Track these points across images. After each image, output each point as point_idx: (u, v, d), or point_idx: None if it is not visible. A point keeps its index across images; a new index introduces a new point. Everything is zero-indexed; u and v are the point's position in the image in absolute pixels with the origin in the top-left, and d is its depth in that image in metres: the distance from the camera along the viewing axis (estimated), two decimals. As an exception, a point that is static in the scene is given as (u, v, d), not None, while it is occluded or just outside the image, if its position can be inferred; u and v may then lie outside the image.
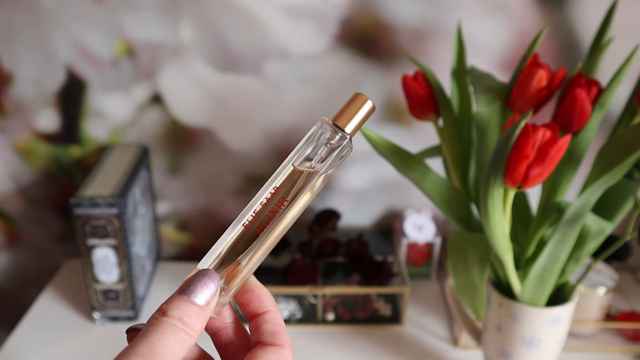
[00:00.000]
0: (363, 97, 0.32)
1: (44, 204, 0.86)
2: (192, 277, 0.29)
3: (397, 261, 0.77)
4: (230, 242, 0.30)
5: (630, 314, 0.72)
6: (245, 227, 0.30)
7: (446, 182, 0.55)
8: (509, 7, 0.72)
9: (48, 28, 0.74)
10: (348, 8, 0.73)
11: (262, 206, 0.30)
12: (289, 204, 0.30)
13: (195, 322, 0.27)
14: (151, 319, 0.27)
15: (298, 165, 0.31)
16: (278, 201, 0.30)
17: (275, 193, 0.31)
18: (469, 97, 0.59)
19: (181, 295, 0.28)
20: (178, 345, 0.26)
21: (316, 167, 0.31)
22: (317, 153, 0.32)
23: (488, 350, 0.60)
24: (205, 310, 0.28)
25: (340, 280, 0.74)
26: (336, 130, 0.32)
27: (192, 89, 0.77)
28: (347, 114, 0.32)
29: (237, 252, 0.30)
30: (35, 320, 0.74)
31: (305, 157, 0.31)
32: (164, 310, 0.27)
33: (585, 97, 0.49)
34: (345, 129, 0.32)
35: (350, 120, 0.32)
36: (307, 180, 0.31)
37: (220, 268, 0.30)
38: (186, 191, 0.84)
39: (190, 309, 0.28)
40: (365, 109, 0.32)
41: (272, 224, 0.30)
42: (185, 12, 0.73)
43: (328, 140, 0.32)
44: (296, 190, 0.31)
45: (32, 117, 0.79)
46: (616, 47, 0.60)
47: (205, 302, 0.28)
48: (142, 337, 0.26)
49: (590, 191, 0.48)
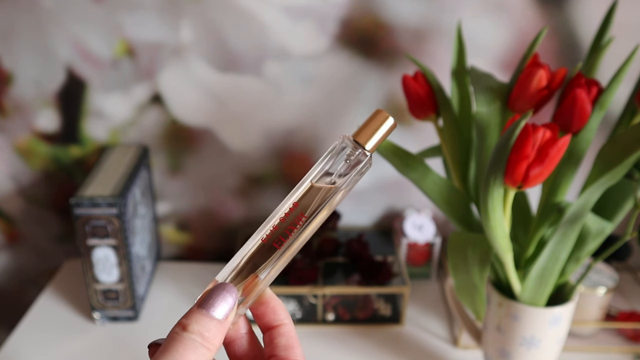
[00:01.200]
0: (384, 113, 0.32)
1: (44, 204, 0.86)
2: (211, 291, 0.29)
3: (397, 261, 0.77)
4: (248, 255, 0.31)
5: (630, 314, 0.72)
6: (264, 241, 0.31)
7: (446, 182, 0.55)
8: (509, 7, 0.72)
9: (48, 28, 0.74)
10: (348, 8, 0.73)
11: (280, 221, 0.31)
12: (307, 220, 0.31)
13: (214, 337, 0.28)
14: (171, 333, 0.28)
15: (317, 182, 0.31)
16: (297, 217, 0.31)
17: (294, 208, 0.31)
18: (469, 97, 0.59)
19: (200, 309, 0.28)
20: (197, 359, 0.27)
21: (335, 183, 0.31)
22: (337, 169, 0.32)
23: (488, 350, 0.60)
24: (224, 324, 0.28)
25: (340, 280, 0.74)
26: (356, 147, 0.32)
27: (192, 89, 0.77)
28: (368, 130, 0.32)
29: (255, 266, 0.31)
30: (35, 320, 0.74)
31: (325, 172, 0.32)
32: (184, 324, 0.28)
33: (585, 97, 0.49)
34: (366, 145, 0.32)
35: (371, 137, 0.32)
36: (326, 196, 0.31)
37: (238, 281, 0.30)
38: (186, 191, 0.84)
39: (210, 324, 0.28)
40: (386, 126, 0.32)
41: (290, 239, 0.31)
42: (185, 12, 0.73)
43: (348, 156, 0.32)
44: (315, 206, 0.31)
45: (32, 117, 0.79)
46: (616, 47, 0.60)
47: (224, 316, 0.28)
48: (164, 352, 0.27)
49: (590, 191, 0.48)
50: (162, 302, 0.78)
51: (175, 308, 0.76)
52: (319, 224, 0.31)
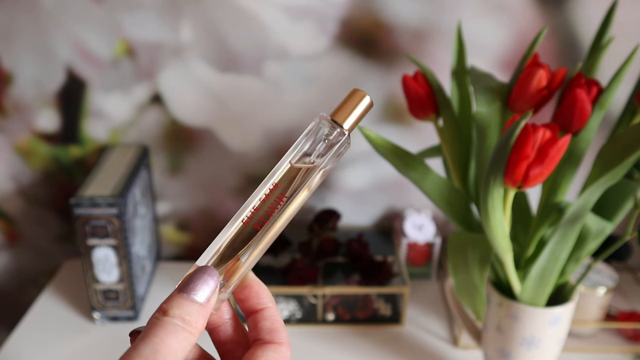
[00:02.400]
0: (361, 92, 0.32)
1: (44, 204, 0.86)
2: (192, 275, 0.28)
3: (397, 261, 0.77)
4: (229, 239, 0.30)
5: (630, 314, 0.72)
6: (244, 223, 0.30)
7: (446, 182, 0.55)
8: (509, 7, 0.72)
9: (48, 28, 0.74)
10: (348, 8, 0.73)
11: (261, 202, 0.30)
12: (287, 200, 0.30)
13: (196, 320, 0.27)
14: (152, 319, 0.27)
15: (296, 162, 0.31)
16: (277, 197, 0.30)
17: (274, 189, 0.31)
18: (469, 97, 0.59)
19: (181, 293, 0.28)
20: (180, 345, 0.26)
21: (315, 162, 0.31)
22: (315, 149, 0.31)
23: (488, 350, 0.60)
24: (206, 308, 0.28)
25: (340, 280, 0.74)
26: (334, 126, 0.32)
27: (192, 89, 0.77)
28: (345, 110, 0.32)
29: (236, 249, 0.30)
30: (35, 320, 0.74)
31: (304, 152, 0.31)
32: (165, 309, 0.27)
33: (585, 97, 0.49)
34: (344, 124, 0.31)
35: (348, 116, 0.32)
36: (306, 176, 0.31)
37: (219, 264, 0.30)
38: (186, 191, 0.84)
39: (191, 307, 0.27)
40: (363, 104, 0.32)
41: (271, 220, 0.30)
42: (185, 12, 0.73)
43: (326, 136, 0.31)
44: (295, 186, 0.31)
45: (32, 117, 0.79)
46: (616, 47, 0.60)
47: (206, 299, 0.28)
48: (144, 339, 0.26)
49: (590, 191, 0.48)
50: (162, 302, 0.78)
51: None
52: (299, 204, 0.31)
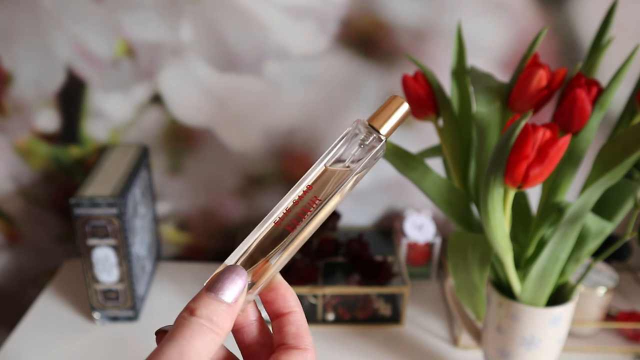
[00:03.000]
0: (399, 99, 0.32)
1: (44, 204, 0.86)
2: (220, 274, 0.28)
3: (397, 261, 0.77)
4: (259, 239, 0.30)
5: (630, 314, 0.72)
6: (276, 224, 0.30)
7: (446, 182, 0.55)
8: (509, 7, 0.72)
9: (48, 28, 0.74)
10: (348, 8, 0.73)
11: (293, 204, 0.30)
12: (321, 203, 0.30)
13: (224, 321, 0.27)
14: (179, 318, 0.27)
15: (330, 165, 0.31)
16: (310, 200, 0.30)
17: (308, 191, 0.30)
18: (469, 97, 0.59)
19: (209, 292, 0.27)
20: (206, 346, 0.26)
21: (350, 167, 0.31)
22: (350, 153, 0.31)
23: (488, 350, 0.60)
24: (233, 308, 0.27)
25: (340, 280, 0.74)
26: (371, 132, 0.31)
27: (192, 89, 0.77)
28: (383, 116, 0.32)
29: (266, 250, 0.30)
30: (35, 320, 0.74)
31: (338, 157, 0.31)
32: (192, 309, 0.27)
33: (585, 97, 0.49)
34: (381, 130, 0.31)
35: (385, 121, 0.31)
36: (340, 180, 0.31)
37: (248, 265, 0.30)
38: (186, 191, 0.84)
39: (219, 307, 0.27)
40: (401, 111, 0.32)
41: (303, 222, 0.30)
42: (185, 12, 0.73)
43: (362, 141, 0.31)
44: (328, 190, 0.30)
45: (32, 117, 0.79)
46: (616, 47, 0.60)
47: (234, 299, 0.27)
48: (171, 339, 0.26)
49: (590, 191, 0.48)
50: (162, 302, 0.78)
51: (175, 308, 0.76)
52: (331, 209, 0.31)
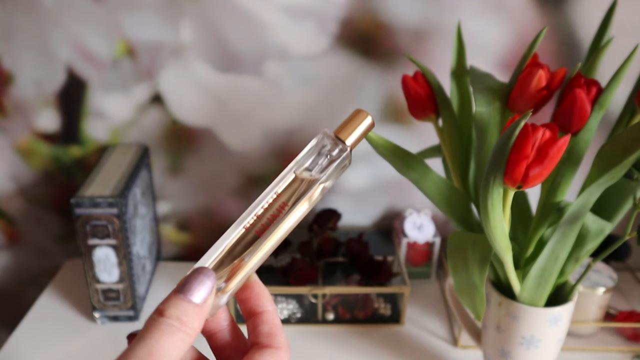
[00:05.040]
0: (364, 112, 0.34)
1: (45, 204, 0.86)
2: (188, 276, 0.29)
3: (397, 261, 0.77)
4: (230, 244, 0.31)
5: (629, 313, 0.72)
6: (246, 229, 0.31)
7: (446, 182, 0.56)
8: (509, 7, 0.72)
9: (48, 28, 0.74)
10: (348, 8, 0.73)
11: (263, 210, 0.31)
12: (289, 209, 0.31)
13: (192, 321, 0.27)
14: (149, 319, 0.27)
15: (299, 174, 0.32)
16: (279, 206, 0.31)
17: (277, 198, 0.32)
18: (469, 97, 0.59)
19: (178, 294, 0.28)
20: (176, 346, 0.26)
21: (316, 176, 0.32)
22: (317, 163, 0.33)
23: (487, 350, 0.60)
24: (202, 308, 0.28)
25: (340, 280, 0.74)
26: (337, 143, 0.33)
27: (192, 89, 0.78)
28: (349, 128, 0.33)
29: (236, 254, 0.31)
30: (35, 320, 0.74)
31: (306, 167, 0.33)
32: (161, 310, 0.27)
33: (584, 97, 0.49)
34: (346, 141, 0.33)
35: (350, 133, 0.33)
36: (307, 188, 0.32)
37: (219, 268, 0.30)
38: (186, 191, 0.84)
39: (187, 307, 0.28)
40: (365, 123, 0.34)
41: (272, 227, 0.31)
42: (185, 12, 0.73)
43: (329, 151, 0.33)
44: (296, 197, 0.32)
45: (33, 117, 0.79)
46: (616, 47, 0.60)
47: (202, 299, 0.28)
48: (140, 340, 0.26)
49: (590, 191, 0.48)
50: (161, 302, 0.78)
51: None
52: (300, 216, 0.32)
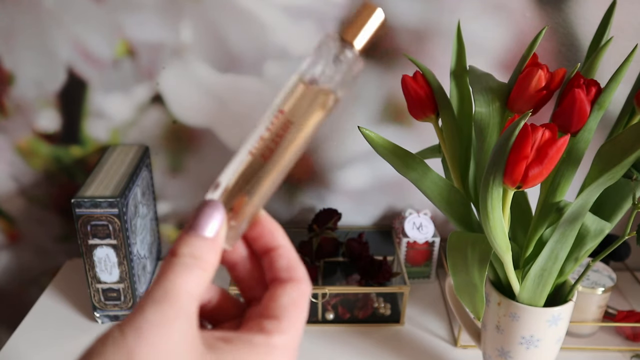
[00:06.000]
0: (371, 6, 0.29)
1: (45, 204, 0.86)
2: (196, 211, 0.27)
3: (397, 261, 0.78)
4: (236, 173, 0.29)
5: (628, 313, 0.72)
6: (252, 154, 0.28)
7: (446, 182, 0.56)
8: (509, 8, 0.72)
9: (49, 28, 0.74)
10: (348, 8, 0.73)
11: (266, 131, 0.28)
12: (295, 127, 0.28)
13: (207, 255, 0.26)
14: (163, 263, 0.26)
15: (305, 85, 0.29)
16: (284, 124, 0.28)
17: (280, 116, 0.28)
18: (468, 98, 0.59)
19: (188, 231, 0.27)
20: (193, 282, 0.25)
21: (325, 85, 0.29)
22: (324, 72, 0.29)
23: (487, 349, 0.60)
24: (215, 241, 0.27)
25: (340, 280, 0.74)
26: (344, 45, 0.29)
27: (193, 89, 0.78)
28: (355, 27, 0.29)
29: (245, 182, 0.28)
30: (36, 320, 0.74)
31: (311, 78, 0.29)
32: (174, 250, 0.26)
33: (584, 98, 0.49)
34: (354, 42, 0.29)
35: (358, 32, 0.29)
36: (315, 100, 0.28)
37: (228, 199, 0.28)
38: (187, 191, 0.85)
39: (200, 243, 0.27)
40: (374, 19, 0.29)
41: (278, 149, 0.28)
42: (185, 12, 0.73)
43: (336, 56, 0.29)
44: (304, 112, 0.28)
45: (33, 117, 0.80)
46: (615, 47, 0.61)
47: (214, 232, 0.27)
48: (155, 283, 0.25)
49: (589, 191, 0.48)
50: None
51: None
52: (311, 132, 0.28)
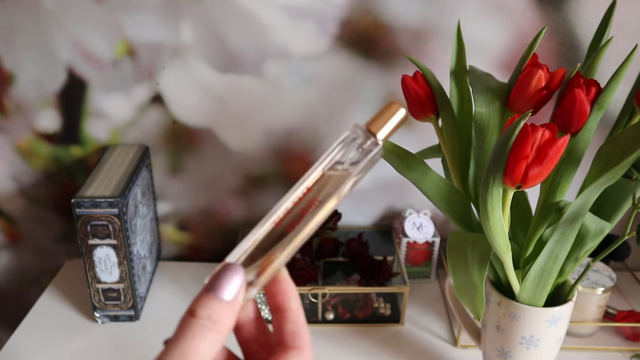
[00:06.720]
0: (396, 104, 0.33)
1: (45, 204, 0.86)
2: (217, 273, 0.29)
3: (397, 261, 0.78)
4: (259, 238, 0.31)
5: (628, 313, 0.72)
6: (277, 224, 0.31)
7: (446, 182, 0.56)
8: (509, 8, 0.72)
9: (49, 28, 0.74)
10: (348, 8, 0.73)
11: (293, 205, 0.31)
12: (320, 204, 0.31)
13: (224, 319, 0.27)
14: (181, 321, 0.27)
15: (329, 170, 0.32)
16: (309, 201, 0.31)
17: (307, 193, 0.31)
18: (469, 98, 0.59)
19: (208, 292, 0.28)
20: (209, 346, 0.26)
21: (347, 170, 0.32)
22: (348, 157, 0.32)
23: (487, 349, 0.60)
24: (233, 305, 0.28)
25: (340, 280, 0.74)
26: (368, 136, 0.32)
27: (193, 89, 0.78)
28: (381, 120, 0.33)
29: (266, 248, 0.31)
30: (36, 320, 0.74)
31: (337, 161, 0.32)
32: (192, 310, 0.27)
33: (584, 98, 0.49)
34: (378, 134, 0.32)
35: (382, 126, 0.32)
36: (338, 182, 0.32)
37: (248, 263, 0.30)
38: (187, 191, 0.85)
39: (218, 306, 0.28)
40: (398, 116, 0.33)
41: (302, 222, 0.31)
42: (185, 12, 0.73)
43: (360, 145, 0.32)
44: (327, 192, 0.31)
45: (33, 117, 0.80)
46: (615, 47, 0.61)
47: (233, 297, 0.28)
48: (174, 342, 0.26)
49: (589, 191, 0.48)
50: (162, 302, 0.78)
51: (175, 308, 0.77)
52: (330, 210, 0.32)
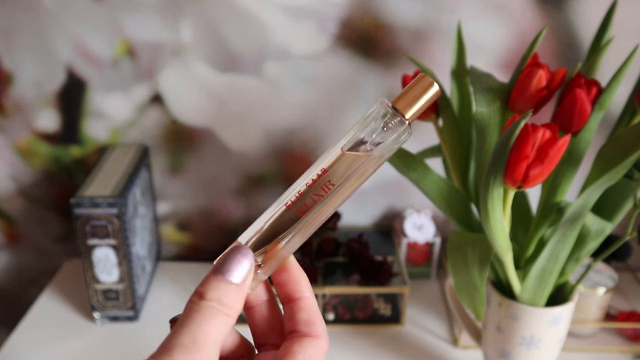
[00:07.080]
0: (427, 79, 0.29)
1: (45, 204, 0.86)
2: (226, 255, 0.28)
3: (397, 261, 0.77)
4: (270, 221, 0.29)
5: (629, 313, 0.72)
6: (288, 207, 0.29)
7: (446, 182, 0.56)
8: (509, 8, 0.72)
9: (48, 28, 0.74)
10: (348, 8, 0.73)
11: (306, 187, 0.29)
12: (334, 188, 0.29)
13: (233, 302, 0.27)
14: (189, 303, 0.27)
15: (348, 149, 0.29)
16: (324, 185, 0.29)
17: (322, 175, 0.29)
18: (469, 97, 0.59)
19: (216, 275, 0.27)
20: (218, 329, 0.26)
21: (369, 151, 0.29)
22: (371, 137, 0.29)
23: (488, 350, 0.60)
24: (242, 288, 0.27)
25: (340, 280, 0.74)
26: (395, 114, 0.30)
27: (192, 89, 0.78)
28: (409, 97, 0.29)
29: (276, 232, 0.29)
30: (35, 320, 0.74)
31: (359, 140, 0.29)
32: (201, 292, 0.27)
33: (584, 97, 0.49)
34: (406, 114, 0.29)
35: (411, 105, 0.29)
36: (356, 164, 0.29)
37: (258, 246, 0.29)
38: (186, 191, 0.84)
39: (227, 289, 0.27)
40: (429, 93, 0.29)
41: (315, 207, 0.29)
42: (185, 12, 0.73)
43: (385, 124, 0.30)
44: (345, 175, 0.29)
45: (33, 117, 0.79)
46: (616, 47, 0.60)
47: (242, 279, 0.27)
48: (183, 326, 0.26)
49: (590, 191, 0.48)
50: (162, 302, 0.78)
51: (175, 308, 0.76)
52: (348, 194, 0.29)
